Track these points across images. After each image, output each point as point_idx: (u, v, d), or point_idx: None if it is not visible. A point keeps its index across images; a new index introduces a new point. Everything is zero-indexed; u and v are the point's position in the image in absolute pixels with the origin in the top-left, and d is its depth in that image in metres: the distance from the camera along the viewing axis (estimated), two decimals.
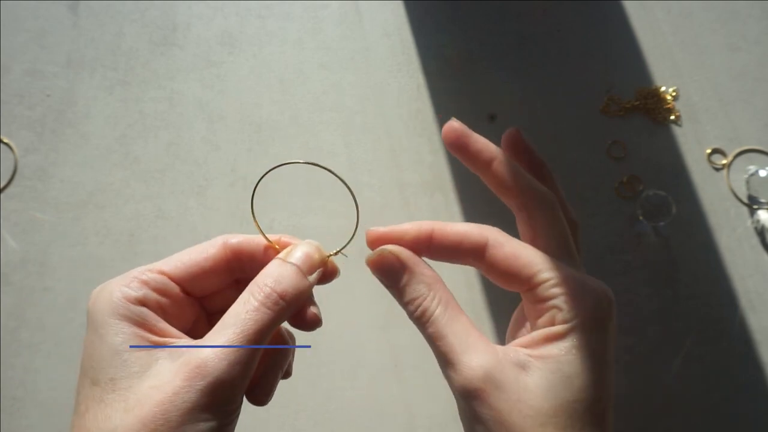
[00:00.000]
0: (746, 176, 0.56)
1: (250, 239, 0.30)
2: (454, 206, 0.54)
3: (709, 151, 0.57)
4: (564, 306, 0.26)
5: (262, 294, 0.26)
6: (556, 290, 0.26)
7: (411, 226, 0.29)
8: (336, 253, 0.30)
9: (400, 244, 0.28)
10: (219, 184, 0.54)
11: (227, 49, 0.59)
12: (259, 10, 0.61)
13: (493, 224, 0.29)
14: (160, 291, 0.27)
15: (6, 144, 0.54)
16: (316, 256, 0.28)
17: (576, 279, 0.26)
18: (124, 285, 0.26)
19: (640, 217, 0.54)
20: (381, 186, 0.55)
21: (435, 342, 0.26)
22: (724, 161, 0.57)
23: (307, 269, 0.28)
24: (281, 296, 0.26)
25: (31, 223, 0.52)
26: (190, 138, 0.56)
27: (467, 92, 0.59)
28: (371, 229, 0.29)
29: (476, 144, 0.30)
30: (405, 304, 0.28)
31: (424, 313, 0.27)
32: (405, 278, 0.27)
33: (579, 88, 0.59)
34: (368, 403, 0.48)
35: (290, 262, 0.28)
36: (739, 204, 0.55)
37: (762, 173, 0.55)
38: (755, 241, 0.54)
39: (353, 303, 0.49)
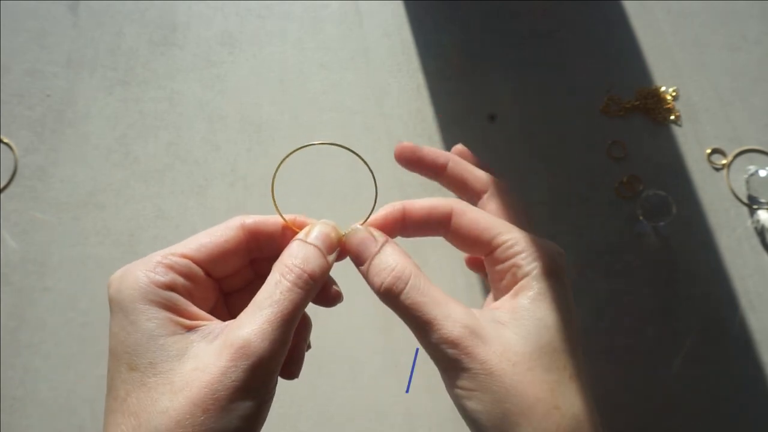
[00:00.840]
0: (746, 176, 0.56)
1: (265, 219, 0.30)
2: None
3: (709, 151, 0.57)
4: (522, 262, 0.28)
5: (293, 275, 0.27)
6: (514, 249, 0.29)
7: (383, 210, 0.31)
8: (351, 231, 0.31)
9: (377, 226, 0.30)
10: (219, 184, 0.54)
11: (227, 49, 0.59)
12: (259, 10, 0.61)
13: None
14: (186, 275, 0.27)
15: (6, 144, 0.54)
16: (333, 235, 0.30)
17: (530, 238, 0.29)
18: (150, 270, 0.26)
19: (640, 217, 0.54)
20: (381, 186, 0.55)
21: (411, 313, 0.27)
22: (724, 161, 0.57)
23: (326, 249, 0.29)
24: (311, 276, 0.27)
25: (31, 223, 0.52)
26: (190, 138, 0.56)
27: (467, 92, 0.59)
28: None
29: (429, 154, 0.33)
30: (375, 279, 0.28)
31: (394, 283, 0.28)
32: (376, 251, 0.29)
33: (579, 88, 0.59)
34: (368, 403, 0.48)
35: (312, 243, 0.29)
36: (739, 204, 0.55)
37: (762, 173, 0.55)
38: (755, 241, 0.54)
39: (354, 303, 0.49)
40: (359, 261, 0.29)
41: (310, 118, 0.57)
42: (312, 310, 0.31)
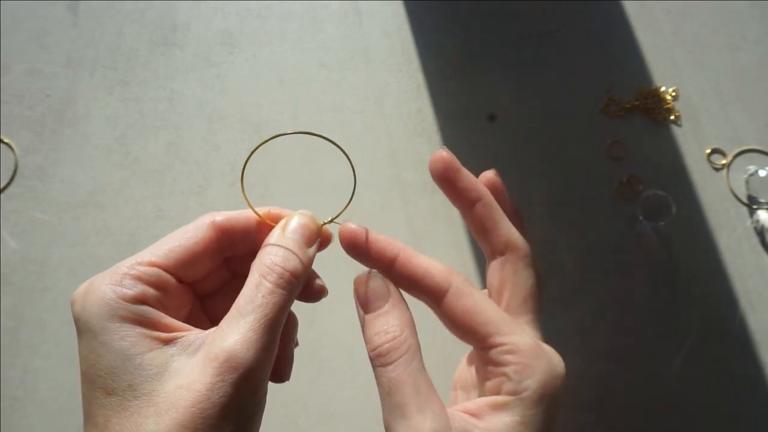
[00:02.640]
0: (746, 176, 0.56)
1: (237, 215, 0.28)
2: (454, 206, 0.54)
3: (708, 151, 0.57)
4: (514, 377, 0.25)
5: (274, 274, 0.25)
6: (509, 357, 0.25)
7: (380, 241, 0.28)
8: (330, 221, 0.30)
9: (365, 254, 0.28)
10: (219, 184, 0.54)
11: (227, 49, 0.59)
12: (259, 10, 0.61)
13: None
14: (156, 284, 0.25)
15: (6, 144, 0.54)
16: (312, 226, 0.28)
17: (531, 349, 0.25)
18: (116, 284, 0.24)
19: (640, 217, 0.54)
20: (381, 186, 0.55)
21: (391, 387, 0.25)
22: (724, 161, 0.57)
23: (307, 241, 0.27)
24: (293, 274, 0.25)
25: (31, 223, 0.52)
26: (190, 138, 0.56)
27: (467, 92, 0.59)
28: (345, 225, 0.28)
29: (464, 181, 0.29)
30: (372, 336, 0.26)
31: (389, 351, 0.25)
32: (385, 308, 0.26)
33: (579, 88, 0.59)
34: (368, 403, 0.48)
35: (291, 237, 0.26)
36: (739, 204, 0.55)
37: (762, 173, 0.55)
38: (755, 241, 0.54)
39: (353, 303, 0.49)
40: (366, 310, 0.27)
41: (310, 118, 0.57)
42: (312, 308, 0.31)
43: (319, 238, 0.28)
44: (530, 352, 0.25)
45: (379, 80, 0.59)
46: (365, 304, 0.27)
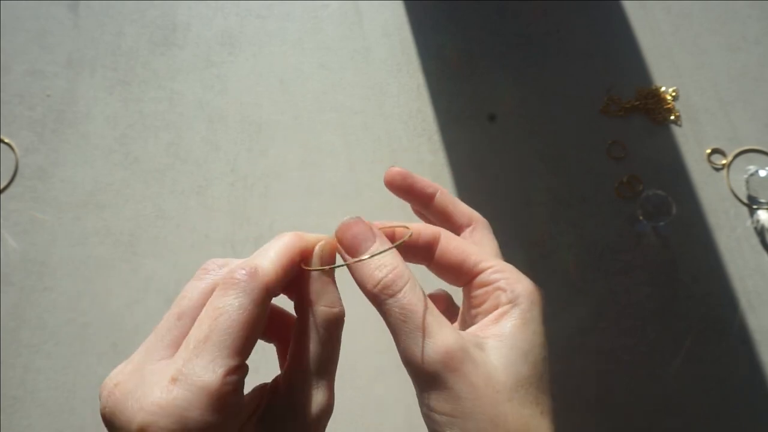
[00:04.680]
0: (746, 176, 0.56)
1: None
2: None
3: (708, 151, 0.57)
4: (507, 287, 0.28)
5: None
6: (499, 275, 0.28)
7: (380, 224, 0.30)
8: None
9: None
10: (219, 184, 0.54)
11: (227, 49, 0.59)
12: (259, 10, 0.61)
13: (495, 226, 0.30)
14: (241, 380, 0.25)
15: (6, 144, 0.54)
16: (326, 252, 0.29)
17: (512, 268, 0.29)
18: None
19: (640, 217, 0.54)
20: (381, 186, 0.55)
21: (409, 313, 0.26)
22: (724, 161, 0.57)
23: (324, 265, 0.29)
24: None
25: (31, 223, 0.52)
26: (190, 138, 0.56)
27: (467, 92, 0.59)
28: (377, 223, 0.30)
29: (420, 182, 0.33)
30: (373, 270, 0.27)
31: (395, 280, 0.26)
32: (375, 245, 0.27)
33: (579, 88, 0.59)
34: (368, 403, 0.48)
35: (318, 275, 0.28)
36: (739, 204, 0.55)
37: (762, 173, 0.55)
38: (755, 241, 0.54)
39: (353, 303, 0.49)
40: (353, 252, 0.28)
41: (310, 118, 0.57)
42: None
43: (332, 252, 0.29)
44: (511, 270, 0.29)
45: (379, 80, 0.59)
46: (353, 247, 0.28)
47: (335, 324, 0.28)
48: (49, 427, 0.47)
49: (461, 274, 0.29)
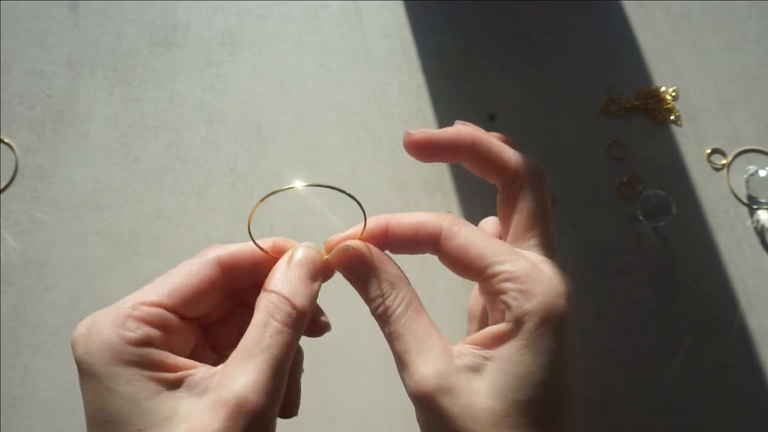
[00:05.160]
0: (746, 176, 0.56)
1: (241, 250, 0.28)
2: (454, 206, 0.54)
3: (708, 151, 0.57)
4: (513, 303, 0.25)
5: (281, 313, 0.25)
6: (508, 285, 0.25)
7: (373, 228, 0.28)
8: (333, 255, 0.29)
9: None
10: (219, 184, 0.54)
11: (227, 49, 0.59)
12: (259, 10, 0.61)
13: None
14: (161, 325, 0.25)
15: (6, 144, 0.54)
16: (317, 259, 0.27)
17: (527, 273, 0.25)
18: (118, 326, 0.24)
19: (640, 217, 0.54)
20: (381, 186, 0.55)
21: (392, 341, 0.26)
22: (724, 161, 0.57)
23: (311, 275, 0.27)
24: (301, 312, 0.25)
25: (31, 223, 0.52)
26: (190, 138, 0.56)
27: (467, 92, 0.59)
28: (329, 239, 0.28)
29: (448, 138, 0.28)
30: (368, 302, 0.27)
31: (385, 311, 0.26)
32: (368, 275, 0.27)
33: (579, 88, 0.59)
34: (368, 403, 0.48)
35: (296, 272, 0.26)
36: (739, 204, 0.55)
37: (762, 173, 0.55)
38: (755, 241, 0.54)
39: (353, 303, 0.49)
40: (352, 280, 0.28)
41: (310, 118, 0.57)
42: None
43: (324, 272, 0.28)
44: (526, 277, 0.25)
45: (379, 80, 0.59)
46: (350, 279, 0.28)
47: (277, 310, 0.26)
48: (49, 427, 0.47)
49: (471, 275, 0.27)
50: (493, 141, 0.28)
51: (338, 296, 0.34)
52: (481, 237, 0.27)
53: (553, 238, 0.29)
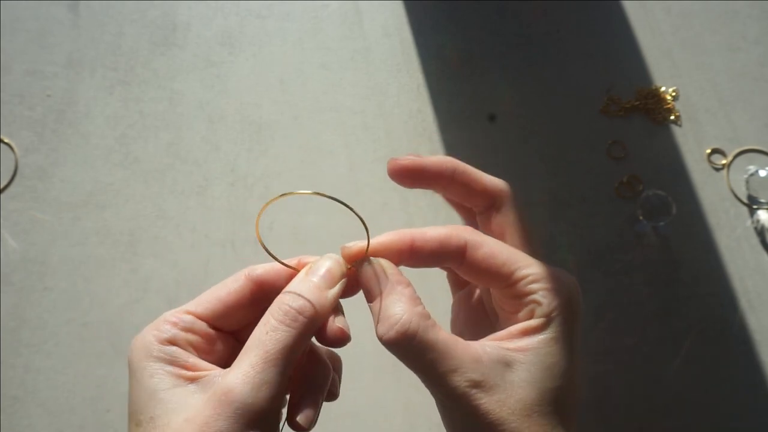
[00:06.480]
0: (746, 176, 0.56)
1: (272, 268, 0.29)
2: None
3: (708, 151, 0.57)
4: (543, 300, 0.27)
5: (280, 312, 0.26)
6: (536, 285, 0.27)
7: (390, 238, 0.29)
8: (354, 266, 0.30)
9: (378, 254, 0.29)
10: (219, 184, 0.54)
11: (227, 49, 0.59)
12: (259, 10, 0.61)
13: None
14: (188, 329, 0.28)
15: (6, 144, 0.54)
16: (336, 269, 0.29)
17: (552, 274, 0.28)
18: (155, 329, 0.27)
19: (640, 217, 0.54)
20: (381, 186, 0.55)
21: (419, 367, 0.27)
22: (724, 161, 0.57)
23: (326, 283, 0.28)
24: (299, 312, 0.26)
25: (31, 223, 0.52)
26: (190, 138, 0.56)
27: (467, 92, 0.59)
28: (347, 246, 0.29)
29: (432, 162, 0.30)
30: (380, 323, 0.28)
31: (400, 337, 0.27)
32: (381, 295, 0.28)
33: (579, 88, 0.59)
34: (368, 403, 0.48)
35: (309, 279, 0.28)
36: (739, 204, 0.55)
37: (762, 173, 0.55)
38: (755, 241, 0.54)
39: (353, 304, 0.49)
40: (367, 298, 0.29)
41: (310, 118, 0.57)
42: None
43: (343, 281, 0.29)
44: (550, 278, 0.28)
45: (379, 80, 0.59)
46: (365, 293, 0.29)
47: (278, 310, 0.27)
48: (49, 427, 0.47)
49: (495, 282, 0.29)
50: (471, 167, 0.31)
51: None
52: (501, 245, 0.29)
53: (539, 246, 0.31)
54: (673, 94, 0.59)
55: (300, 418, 0.28)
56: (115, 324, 0.49)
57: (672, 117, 0.58)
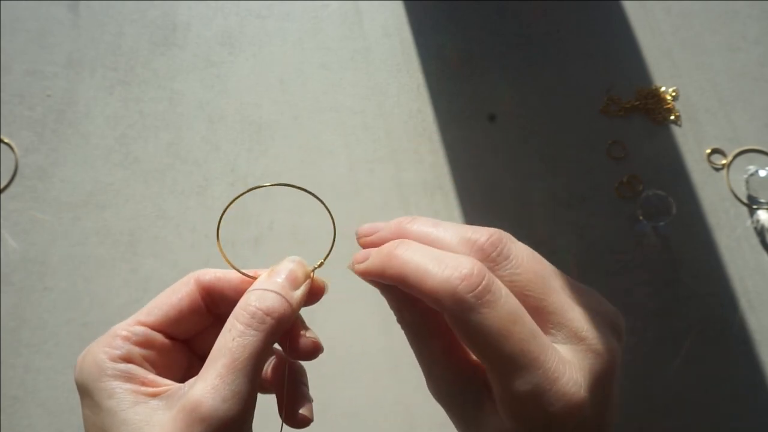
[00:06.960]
0: (746, 176, 0.56)
1: (223, 276, 0.28)
2: (454, 206, 0.54)
3: (708, 151, 0.57)
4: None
5: (246, 315, 0.25)
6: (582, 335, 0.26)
7: (378, 267, 0.26)
8: (319, 266, 0.29)
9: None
10: (219, 184, 0.54)
11: (227, 49, 0.59)
12: (259, 10, 0.61)
13: (495, 226, 0.28)
14: (143, 343, 0.26)
15: (6, 144, 0.54)
16: (300, 270, 0.27)
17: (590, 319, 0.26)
18: (106, 346, 0.26)
19: (640, 217, 0.54)
20: (381, 186, 0.55)
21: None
22: (724, 161, 0.57)
23: (290, 284, 0.27)
24: (267, 313, 0.25)
25: (31, 223, 0.52)
26: (190, 138, 0.56)
27: (467, 92, 0.59)
28: (362, 228, 0.28)
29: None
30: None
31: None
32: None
33: (579, 88, 0.59)
34: (368, 403, 0.48)
35: (273, 279, 0.26)
36: (739, 204, 0.55)
37: (762, 173, 0.55)
38: (755, 241, 0.54)
39: (353, 304, 0.49)
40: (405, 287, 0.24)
41: (310, 118, 0.57)
42: (311, 309, 0.30)
43: (307, 282, 0.27)
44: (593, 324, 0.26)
45: (379, 80, 0.59)
46: (402, 286, 0.25)
47: (243, 313, 0.25)
48: (49, 427, 0.47)
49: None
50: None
51: (339, 297, 0.34)
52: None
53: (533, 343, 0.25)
54: (673, 94, 0.59)
55: (303, 411, 0.28)
56: (115, 324, 0.49)
57: (672, 117, 0.58)
